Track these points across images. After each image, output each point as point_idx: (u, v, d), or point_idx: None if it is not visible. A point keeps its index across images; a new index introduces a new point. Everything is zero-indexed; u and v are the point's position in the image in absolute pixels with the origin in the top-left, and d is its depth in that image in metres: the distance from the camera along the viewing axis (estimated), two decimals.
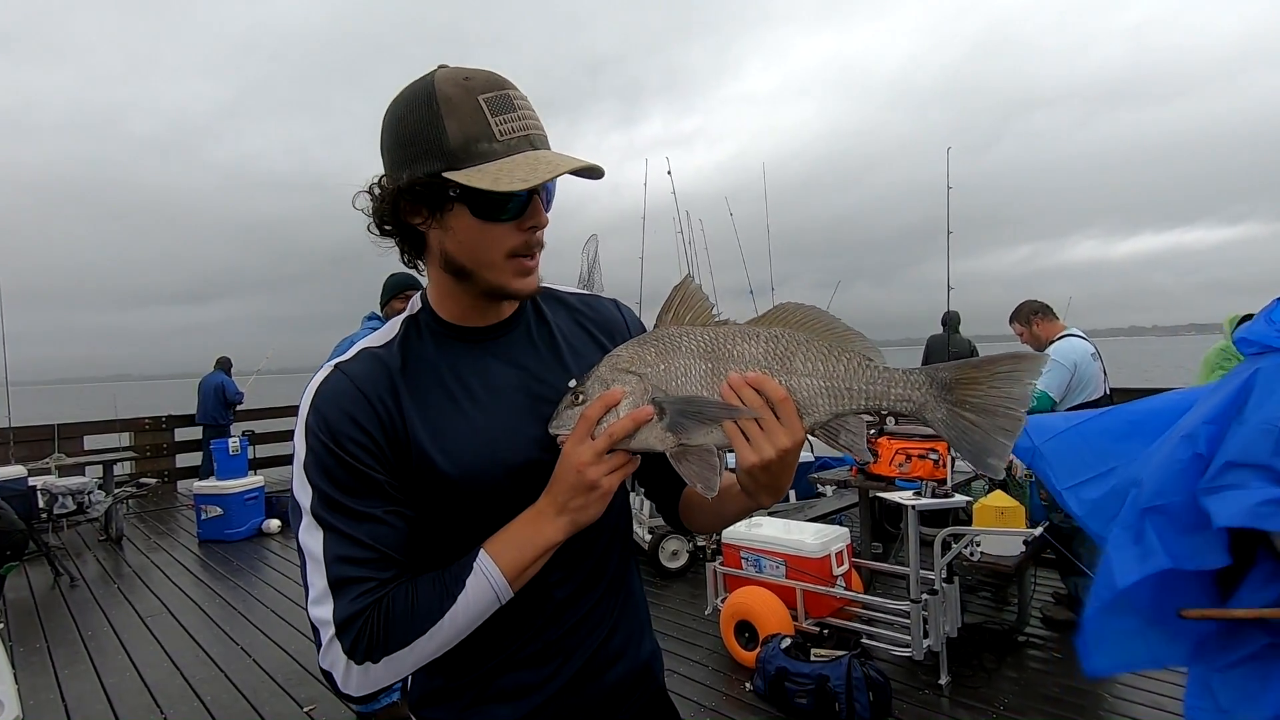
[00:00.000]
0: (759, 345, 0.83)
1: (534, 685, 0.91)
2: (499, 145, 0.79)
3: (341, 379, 0.85)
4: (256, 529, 6.49)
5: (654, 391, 0.82)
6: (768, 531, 3.65)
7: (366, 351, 0.88)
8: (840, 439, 0.84)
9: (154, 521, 7.33)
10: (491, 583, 0.81)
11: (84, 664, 3.76)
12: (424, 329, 0.91)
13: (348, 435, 0.81)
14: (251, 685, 3.43)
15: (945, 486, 3.43)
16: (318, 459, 0.81)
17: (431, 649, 0.80)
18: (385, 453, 0.83)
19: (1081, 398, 3.61)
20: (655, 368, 0.84)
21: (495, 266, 0.84)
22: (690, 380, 0.83)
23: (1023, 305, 4.00)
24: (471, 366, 0.90)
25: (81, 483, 5.94)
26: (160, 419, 9.15)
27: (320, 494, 0.81)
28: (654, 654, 1.05)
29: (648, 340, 0.86)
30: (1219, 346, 5.76)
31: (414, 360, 0.88)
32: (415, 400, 0.85)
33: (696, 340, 0.84)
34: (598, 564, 0.96)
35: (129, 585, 5.13)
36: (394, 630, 0.78)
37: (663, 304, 0.88)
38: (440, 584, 0.81)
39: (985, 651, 3.27)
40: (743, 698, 3.07)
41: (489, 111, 0.79)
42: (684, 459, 0.82)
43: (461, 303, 0.90)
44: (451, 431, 0.85)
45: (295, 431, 0.85)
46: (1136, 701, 2.90)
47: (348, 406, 0.83)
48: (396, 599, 0.79)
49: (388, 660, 0.78)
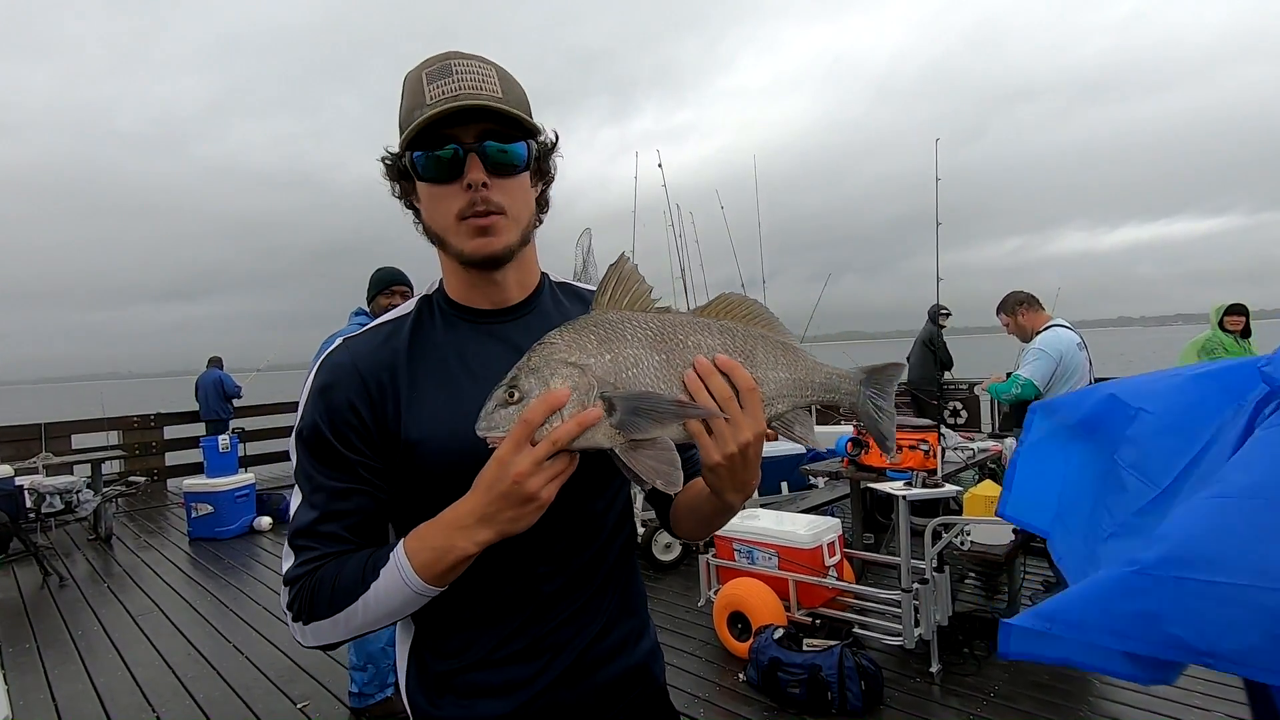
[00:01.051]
0: (715, 337, 0.80)
1: (523, 681, 0.90)
2: (427, 108, 0.81)
3: (344, 355, 0.88)
4: (248, 526, 6.46)
5: (600, 385, 0.74)
6: (760, 523, 3.67)
7: (377, 328, 0.92)
8: (795, 430, 0.86)
9: (144, 520, 7.28)
10: (405, 579, 0.79)
11: (75, 664, 3.74)
12: (436, 309, 0.94)
13: (336, 413, 0.85)
14: (244, 683, 3.42)
15: (936, 477, 3.45)
16: (306, 430, 0.86)
17: (357, 623, 0.82)
18: (371, 434, 0.85)
19: (1067, 388, 3.64)
20: (600, 358, 0.75)
21: (451, 230, 0.86)
22: (642, 373, 0.76)
23: (1009, 296, 4.02)
24: (476, 349, 0.90)
25: (69, 482, 5.89)
26: (149, 417, 9.09)
27: (301, 462, 0.86)
28: (653, 654, 1.03)
29: (587, 326, 0.77)
30: (1205, 335, 5.83)
31: (421, 340, 0.90)
32: (412, 378, 0.87)
33: (643, 327, 0.78)
34: (591, 561, 0.94)
35: (119, 584, 5.10)
36: (319, 601, 0.81)
37: (598, 286, 0.82)
38: (362, 569, 0.81)
39: (976, 640, 3.29)
40: (736, 688, 3.09)
41: (426, 82, 0.83)
42: (637, 455, 0.74)
43: (460, 278, 0.92)
44: (445, 414, 0.86)
45: (300, 400, 0.89)
46: (1124, 687, 2.93)
47: (343, 386, 0.86)
48: (326, 572, 0.82)
49: (316, 625, 0.82)
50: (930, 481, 3.37)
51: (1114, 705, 2.81)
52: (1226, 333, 5.59)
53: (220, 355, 9.37)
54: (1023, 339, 3.95)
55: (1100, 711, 2.77)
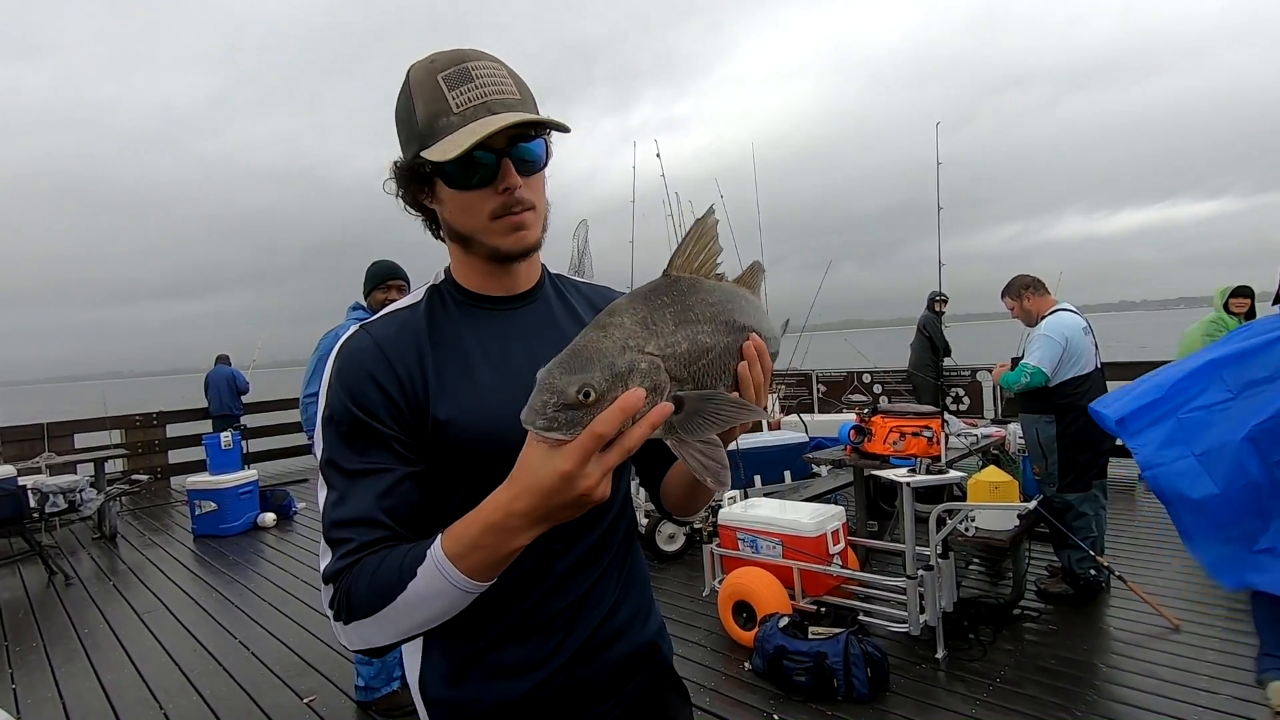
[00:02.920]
0: (750, 315, 0.79)
1: (537, 660, 0.90)
2: (456, 118, 0.81)
3: (365, 338, 0.87)
4: (251, 523, 6.47)
5: (672, 381, 0.67)
6: (764, 512, 3.66)
7: (392, 314, 0.92)
8: None
9: (148, 518, 7.30)
10: (450, 579, 0.73)
11: (81, 662, 3.75)
12: (447, 297, 0.94)
13: (366, 394, 0.83)
14: (250, 678, 3.42)
15: (940, 463, 3.44)
16: (334, 416, 0.84)
17: (402, 625, 0.76)
18: (403, 414, 0.84)
19: (1073, 372, 3.61)
20: (675, 344, 0.68)
21: (485, 230, 0.87)
22: (711, 364, 0.70)
23: (1014, 280, 3.99)
24: (493, 334, 0.92)
25: (73, 481, 5.89)
26: (151, 415, 9.10)
27: (332, 451, 0.84)
28: (660, 633, 1.04)
29: (661, 299, 0.70)
30: (1209, 318, 5.80)
31: (439, 325, 0.91)
32: (438, 363, 0.88)
33: (709, 303, 0.73)
34: (601, 539, 0.96)
35: (124, 582, 5.11)
36: (358, 598, 0.77)
37: (678, 245, 0.76)
38: (399, 567, 0.76)
39: (981, 625, 3.29)
40: (742, 677, 3.09)
41: (446, 87, 0.82)
42: (687, 448, 0.69)
43: (477, 269, 0.93)
44: (469, 397, 0.87)
45: (314, 389, 0.87)
46: (1130, 670, 2.93)
47: (369, 366, 0.85)
48: (365, 567, 0.78)
49: (357, 625, 0.77)
50: (935, 468, 3.36)
51: (1121, 689, 2.81)
52: (1231, 315, 5.56)
53: (228, 354, 9.40)
54: (1028, 323, 3.92)
55: (1108, 696, 2.76)
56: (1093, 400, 3.65)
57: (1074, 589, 3.64)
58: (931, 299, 7.86)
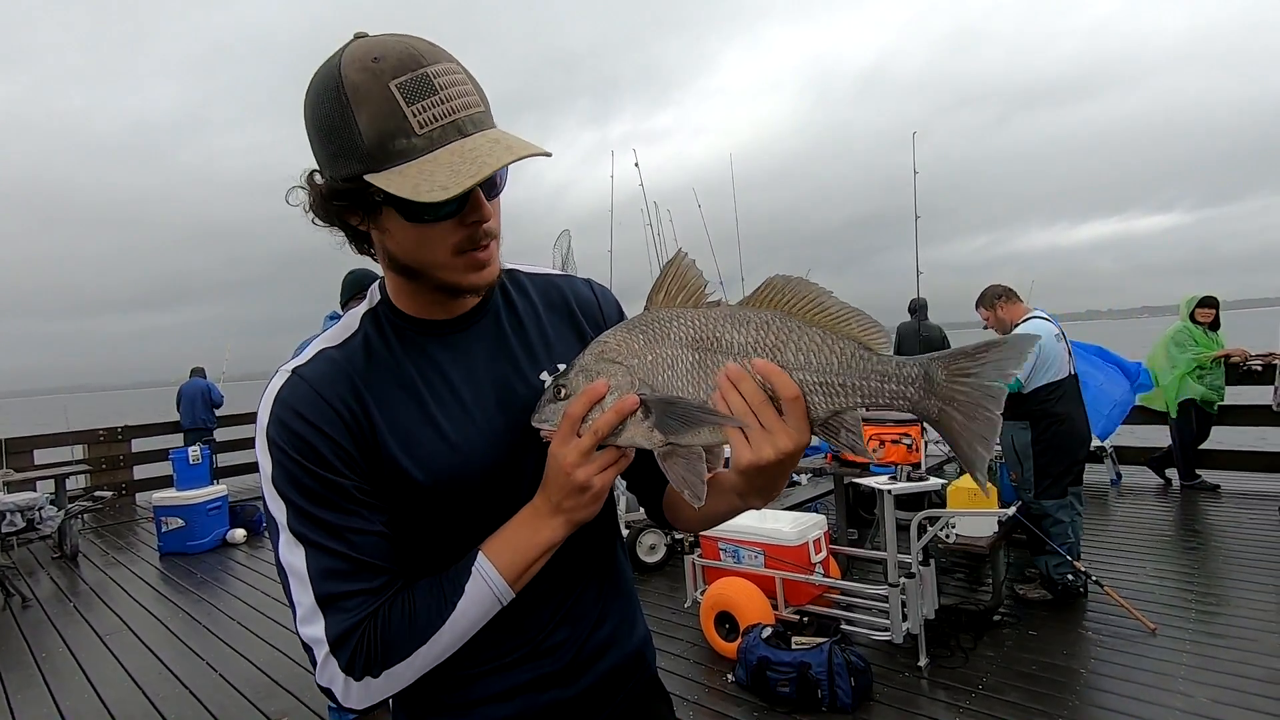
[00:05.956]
0: (748, 332, 0.74)
1: (524, 685, 0.87)
2: (419, 140, 0.69)
3: (300, 384, 0.78)
4: (220, 540, 6.29)
5: (640, 386, 0.76)
6: (745, 521, 3.64)
7: (324, 353, 0.82)
8: (840, 437, 0.76)
9: (111, 536, 7.06)
10: (492, 587, 0.78)
11: (38, 687, 3.59)
12: (385, 324, 0.85)
13: (312, 444, 0.76)
14: (219, 701, 3.31)
15: (920, 470, 3.46)
16: (286, 472, 0.75)
17: (433, 657, 0.77)
18: (354, 458, 0.78)
19: (1046, 378, 3.66)
20: (642, 358, 0.77)
21: (443, 266, 0.78)
22: (675, 373, 0.76)
23: (987, 290, 4.04)
24: (437, 363, 0.84)
25: (31, 498, 5.68)
26: (116, 429, 8.83)
27: (294, 508, 0.75)
28: (645, 640, 1.02)
29: (636, 326, 0.79)
30: (1175, 327, 5.93)
31: (376, 360, 0.82)
32: (380, 403, 0.80)
33: (686, 326, 0.77)
34: (580, 553, 0.92)
35: (85, 603, 4.92)
36: (393, 642, 0.74)
37: (654, 283, 0.81)
38: (439, 590, 0.77)
39: (962, 632, 3.30)
40: (725, 689, 3.05)
41: (403, 100, 0.69)
42: (670, 461, 0.76)
43: (419, 298, 0.84)
44: (420, 436, 0.80)
45: (256, 443, 0.78)
46: (1109, 675, 2.95)
47: (309, 413, 0.76)
48: (394, 610, 0.76)
49: (388, 674, 0.75)
50: (915, 475, 3.37)
51: (1101, 694, 2.82)
52: (1197, 324, 5.70)
53: (203, 367, 9.23)
54: (1002, 332, 3.97)
55: (1088, 701, 2.78)
56: (1067, 407, 3.73)
57: (1052, 594, 3.67)
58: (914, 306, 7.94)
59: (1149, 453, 6.25)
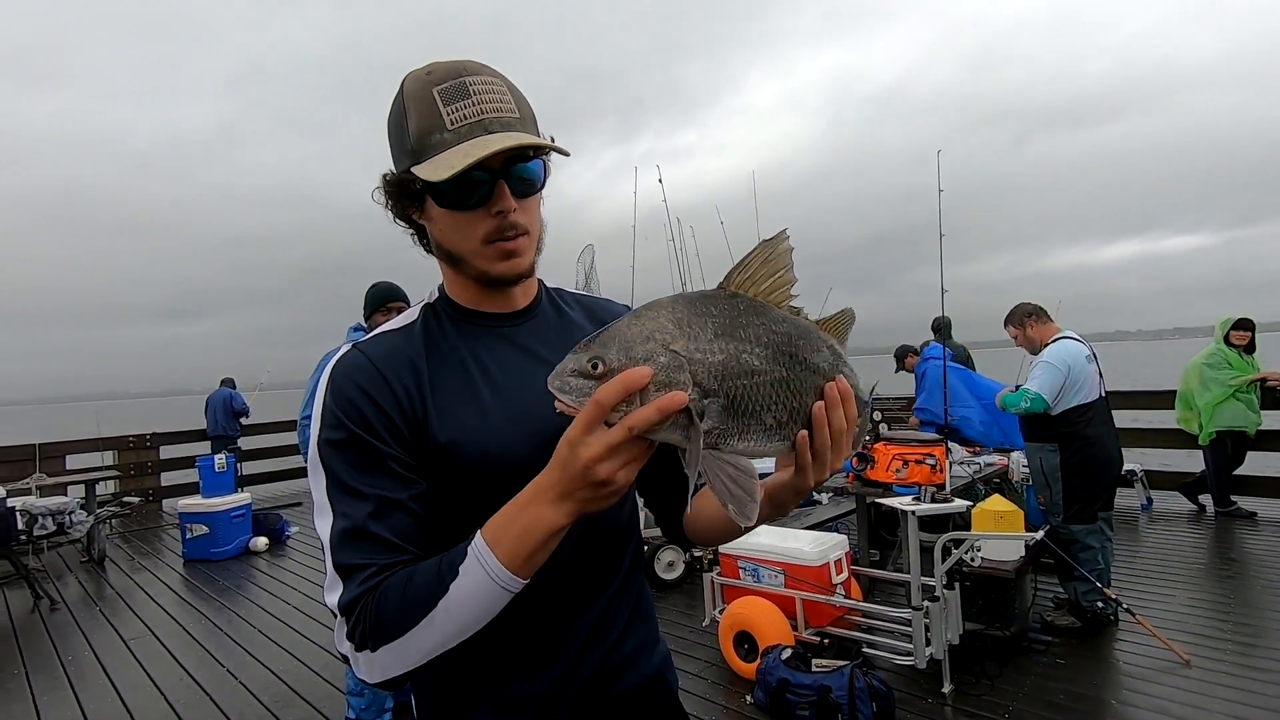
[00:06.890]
0: (828, 355, 0.72)
1: (544, 694, 0.87)
2: (450, 135, 0.79)
3: (359, 357, 0.84)
4: (244, 547, 6.36)
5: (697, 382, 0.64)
6: (765, 540, 3.60)
7: (384, 335, 0.89)
8: None
9: (138, 541, 7.18)
10: (489, 571, 0.71)
11: (64, 690, 3.64)
12: (443, 315, 0.91)
13: (359, 407, 0.80)
14: (238, 708, 3.33)
15: (944, 491, 3.40)
16: (331, 439, 0.80)
17: (434, 639, 0.73)
18: (402, 432, 0.81)
19: (1076, 400, 3.58)
20: (709, 354, 0.65)
21: (475, 253, 0.85)
22: (756, 388, 0.66)
23: (1017, 308, 3.98)
24: (490, 352, 0.89)
25: (62, 503, 5.81)
26: (145, 437, 9.01)
27: (332, 476, 0.79)
28: (666, 661, 1.01)
29: (708, 308, 0.67)
30: (1209, 350, 5.79)
31: (435, 344, 0.88)
32: (435, 382, 0.84)
33: (772, 329, 0.68)
34: (607, 562, 0.92)
35: (111, 607, 5.00)
36: (389, 618, 0.73)
37: (739, 260, 0.71)
38: (437, 571, 0.74)
39: (987, 659, 3.22)
40: (744, 710, 3.00)
41: (441, 102, 0.79)
42: (716, 466, 0.66)
43: (469, 289, 0.91)
44: (470, 416, 0.84)
45: (312, 412, 0.84)
46: (1141, 706, 2.86)
47: (365, 385, 0.81)
48: (393, 585, 0.74)
49: (387, 649, 0.73)
50: (939, 496, 3.31)
51: None
52: (1232, 347, 5.56)
53: (233, 377, 9.39)
54: (1031, 351, 3.91)
55: None
56: (1097, 429, 3.64)
57: (1081, 622, 3.57)
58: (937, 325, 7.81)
59: (1181, 478, 6.09)
